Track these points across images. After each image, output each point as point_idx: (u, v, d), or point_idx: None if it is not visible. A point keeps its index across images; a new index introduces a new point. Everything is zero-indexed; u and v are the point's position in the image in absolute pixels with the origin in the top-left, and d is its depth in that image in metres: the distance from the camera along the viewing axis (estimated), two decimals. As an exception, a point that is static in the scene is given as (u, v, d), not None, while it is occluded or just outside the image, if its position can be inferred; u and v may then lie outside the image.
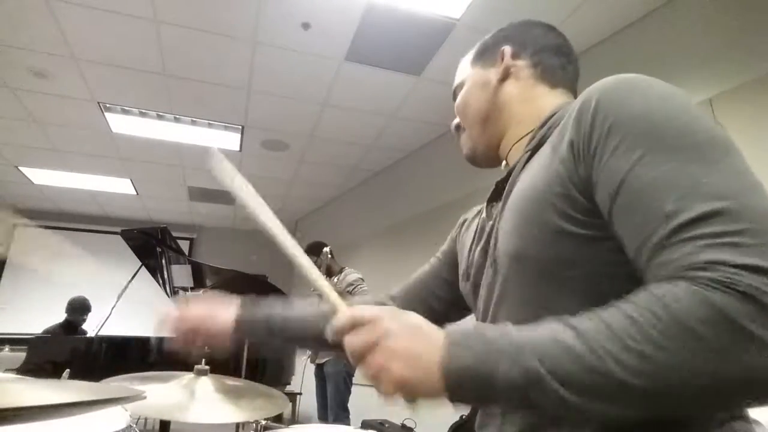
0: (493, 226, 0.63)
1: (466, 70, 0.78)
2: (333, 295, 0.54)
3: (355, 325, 0.47)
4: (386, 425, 2.95)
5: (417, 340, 0.45)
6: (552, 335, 0.40)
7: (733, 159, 0.42)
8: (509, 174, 0.63)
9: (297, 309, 0.85)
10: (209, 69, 3.04)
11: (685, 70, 2.13)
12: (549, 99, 0.68)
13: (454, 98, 0.79)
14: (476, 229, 0.72)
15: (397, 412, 2.89)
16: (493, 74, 0.72)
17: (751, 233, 0.37)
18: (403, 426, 2.93)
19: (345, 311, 0.50)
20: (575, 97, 0.69)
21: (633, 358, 0.36)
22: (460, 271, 0.74)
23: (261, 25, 2.60)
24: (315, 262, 3.22)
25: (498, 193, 0.66)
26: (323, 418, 3.11)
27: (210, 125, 3.83)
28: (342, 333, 0.48)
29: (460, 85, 0.77)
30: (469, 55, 0.79)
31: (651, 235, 0.41)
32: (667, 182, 0.42)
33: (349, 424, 2.82)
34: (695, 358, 0.35)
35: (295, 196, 5.73)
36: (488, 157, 0.75)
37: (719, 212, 0.38)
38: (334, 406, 2.97)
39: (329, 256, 3.07)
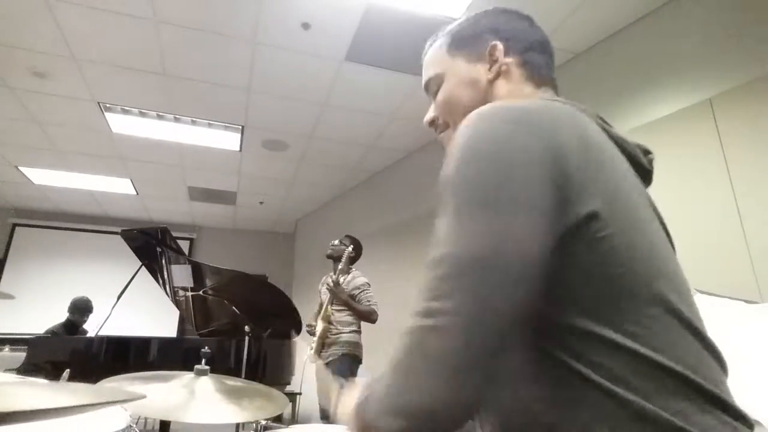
0: None
1: (443, 61, 0.71)
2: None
3: None
4: (386, 425, 2.94)
5: None
6: None
7: (470, 210, 0.46)
8: None
9: None
10: (209, 69, 3.04)
11: (685, 70, 2.13)
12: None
13: (427, 90, 0.74)
14: None
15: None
16: (482, 72, 0.68)
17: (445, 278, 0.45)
18: (403, 426, 2.93)
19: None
20: (557, 93, 0.68)
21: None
22: None
23: (261, 25, 2.60)
24: (344, 251, 3.32)
25: None
26: (323, 417, 3.10)
27: (210, 125, 3.83)
28: None
29: (438, 77, 0.71)
30: (442, 43, 0.72)
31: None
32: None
33: (349, 424, 2.81)
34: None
35: (295, 196, 5.72)
36: None
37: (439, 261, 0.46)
38: (334, 406, 2.97)
39: (351, 255, 3.23)
